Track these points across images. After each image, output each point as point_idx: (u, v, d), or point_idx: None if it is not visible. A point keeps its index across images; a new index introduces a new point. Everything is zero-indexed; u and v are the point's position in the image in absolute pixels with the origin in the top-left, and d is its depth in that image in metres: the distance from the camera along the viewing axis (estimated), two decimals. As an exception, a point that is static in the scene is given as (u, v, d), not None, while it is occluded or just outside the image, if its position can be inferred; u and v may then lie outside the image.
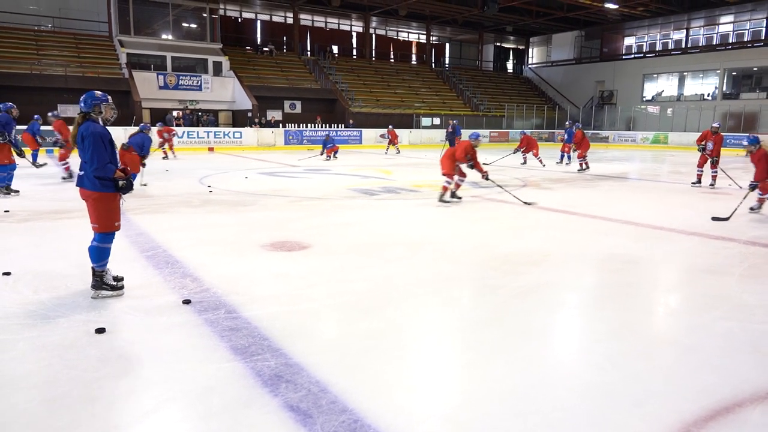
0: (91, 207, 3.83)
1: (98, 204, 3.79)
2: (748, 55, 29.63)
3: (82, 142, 3.71)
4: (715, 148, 10.60)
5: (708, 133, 10.73)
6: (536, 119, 33.50)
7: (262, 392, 2.61)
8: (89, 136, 3.67)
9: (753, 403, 2.57)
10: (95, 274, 3.87)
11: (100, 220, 3.82)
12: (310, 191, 10.00)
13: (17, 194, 8.62)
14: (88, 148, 3.66)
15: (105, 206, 3.80)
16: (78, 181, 3.83)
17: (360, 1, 30.03)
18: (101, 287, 3.87)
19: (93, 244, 3.87)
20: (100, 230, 3.84)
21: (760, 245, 5.90)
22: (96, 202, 3.78)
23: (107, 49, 24.80)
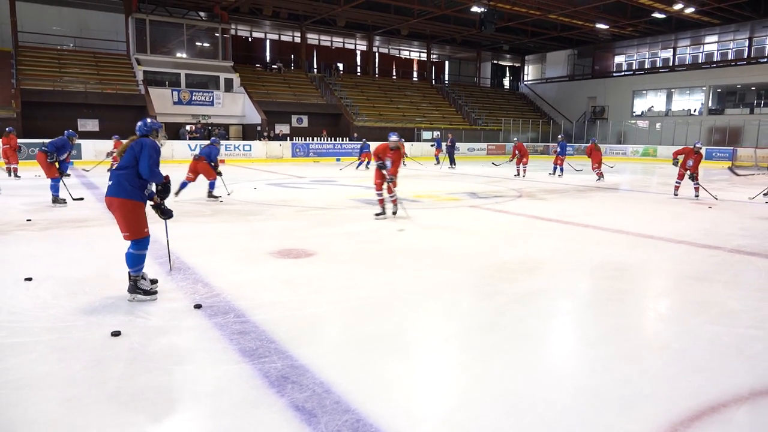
0: (119, 215, 3.97)
1: (126, 211, 3.95)
2: (731, 73, 30.96)
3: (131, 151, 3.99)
4: (694, 165, 11.16)
5: (690, 150, 11.22)
6: (531, 133, 34.67)
7: (269, 392, 2.70)
8: (146, 146, 3.97)
9: (737, 403, 2.65)
10: (130, 278, 4.05)
11: (130, 228, 3.99)
12: (316, 201, 10.26)
13: (65, 204, 9.19)
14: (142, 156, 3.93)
15: (133, 214, 3.98)
16: (108, 191, 4.01)
17: (364, 21, 31.34)
18: (135, 291, 4.04)
19: (129, 251, 4.05)
20: (132, 238, 4.01)
21: (744, 253, 6.07)
22: (123, 208, 3.95)
23: (125, 67, 25.90)
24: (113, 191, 3.99)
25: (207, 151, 10.06)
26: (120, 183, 3.96)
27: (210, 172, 9.94)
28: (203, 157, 9.95)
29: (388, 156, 8.09)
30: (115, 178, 4.00)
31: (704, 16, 27.66)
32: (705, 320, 3.91)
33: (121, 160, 4.05)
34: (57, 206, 9.07)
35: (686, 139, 29.88)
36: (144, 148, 3.99)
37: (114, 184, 3.99)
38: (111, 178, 4.03)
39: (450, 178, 16.47)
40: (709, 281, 4.95)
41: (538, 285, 4.78)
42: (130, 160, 4.00)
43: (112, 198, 4.00)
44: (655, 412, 2.56)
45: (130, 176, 3.99)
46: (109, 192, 4.03)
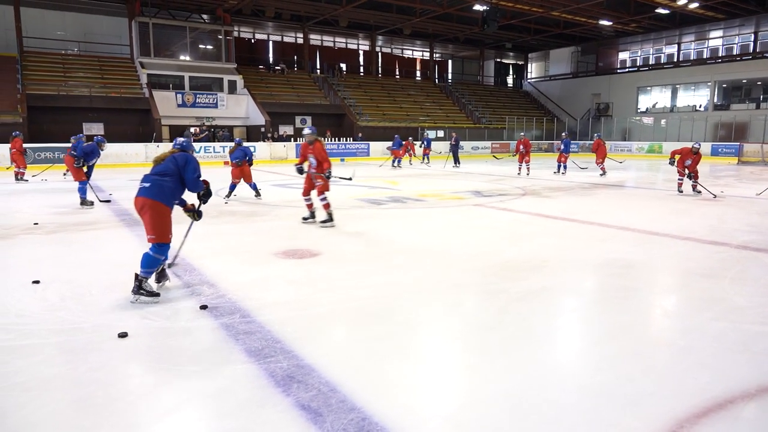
0: (149, 217, 4.11)
1: (157, 214, 4.11)
2: (737, 67, 30.77)
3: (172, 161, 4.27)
4: (692, 164, 11.11)
5: (688, 151, 11.14)
6: (536, 131, 34.60)
7: (274, 392, 2.71)
8: (191, 160, 4.31)
9: (744, 400, 2.64)
10: (137, 279, 4.08)
11: (157, 231, 4.11)
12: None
13: (92, 206, 9.32)
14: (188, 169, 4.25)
15: (163, 218, 4.15)
16: (142, 192, 4.15)
17: (366, 21, 31.40)
18: (139, 292, 4.08)
19: (148, 253, 4.12)
20: (157, 241, 4.12)
21: (750, 249, 6.05)
22: (156, 210, 4.10)
23: (129, 71, 26.06)
24: (150, 193, 4.14)
25: (242, 154, 10.30)
26: (161, 187, 4.16)
27: (249, 176, 10.40)
28: (244, 161, 10.29)
29: (309, 152, 7.40)
30: (155, 182, 4.17)
31: (708, 11, 27.52)
32: (711, 317, 3.88)
33: (159, 167, 4.27)
34: (85, 208, 9.24)
35: (692, 135, 29.77)
36: (189, 162, 4.30)
37: (153, 187, 4.15)
38: (147, 180, 4.20)
39: (454, 177, 16.46)
40: (715, 278, 4.91)
41: (543, 283, 4.76)
42: (171, 169, 4.24)
43: (146, 199, 4.13)
44: (661, 410, 2.55)
45: (171, 183, 4.22)
46: (144, 193, 4.16)
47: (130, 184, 13.58)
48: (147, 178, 4.24)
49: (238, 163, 10.21)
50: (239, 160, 10.21)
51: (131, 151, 21.38)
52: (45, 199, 10.55)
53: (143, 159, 21.60)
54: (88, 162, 9.39)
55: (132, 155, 21.36)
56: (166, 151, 4.48)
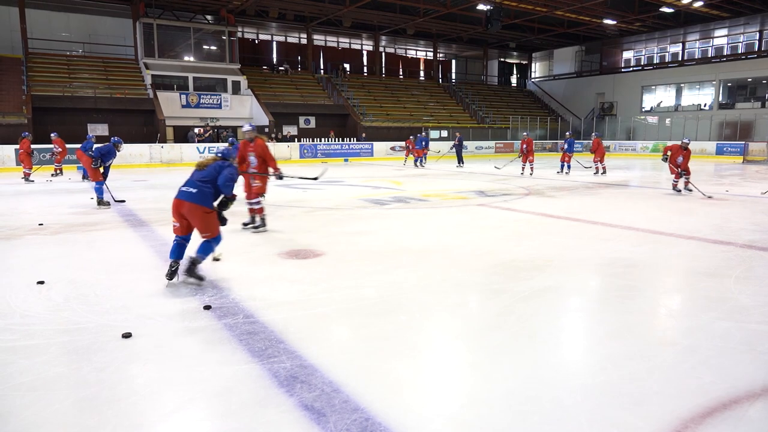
0: (199, 221, 4.56)
1: (206, 217, 4.59)
2: (742, 66, 30.62)
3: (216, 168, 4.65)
4: (684, 161, 11.04)
5: (678, 147, 11.12)
6: (540, 130, 34.55)
7: (278, 392, 2.71)
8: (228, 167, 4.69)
9: (749, 399, 2.63)
10: (192, 261, 4.56)
11: (210, 229, 4.61)
12: (324, 202, 10.30)
13: (108, 206, 9.38)
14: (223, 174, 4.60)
15: (212, 218, 4.63)
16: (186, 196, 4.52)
17: (370, 21, 31.43)
18: (191, 275, 4.53)
19: (210, 244, 4.63)
20: (212, 236, 4.64)
21: (756, 248, 6.03)
22: (203, 214, 4.57)
23: (133, 71, 26.16)
24: (195, 198, 4.54)
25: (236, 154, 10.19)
26: (204, 193, 4.55)
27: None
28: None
29: (249, 150, 6.94)
30: (200, 189, 4.57)
31: (713, 9, 27.41)
32: (716, 316, 3.87)
33: (202, 173, 4.65)
34: (102, 208, 9.34)
35: (696, 134, 29.68)
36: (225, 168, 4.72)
37: (197, 194, 4.55)
38: (192, 186, 4.57)
39: (458, 177, 16.45)
40: (720, 277, 4.90)
41: (547, 283, 4.76)
42: (213, 175, 4.63)
43: (192, 204, 4.54)
44: (665, 410, 2.55)
45: (212, 189, 4.62)
46: (189, 198, 4.54)
47: (135, 184, 13.65)
48: (192, 183, 4.59)
49: None
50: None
51: (136, 152, 21.46)
52: (50, 200, 10.60)
53: (147, 160, 21.68)
54: (104, 162, 9.51)
55: (137, 156, 21.44)
56: (209, 157, 4.91)
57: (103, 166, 9.49)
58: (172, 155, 22.40)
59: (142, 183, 14.34)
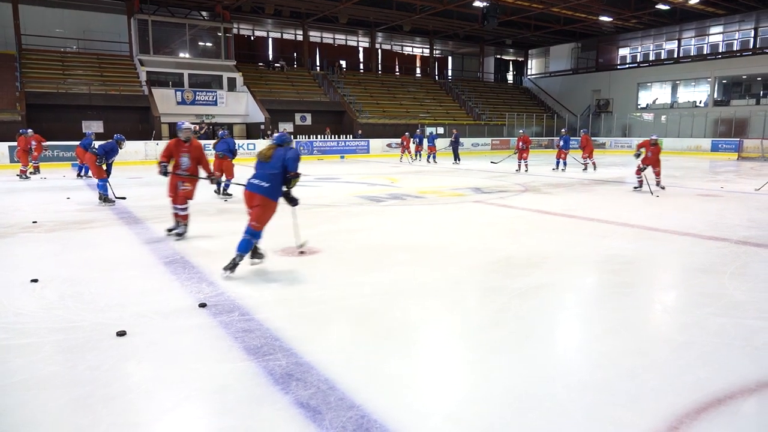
0: (261, 210, 4.73)
1: (266, 209, 4.75)
2: (737, 63, 30.71)
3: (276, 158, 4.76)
4: (653, 157, 11.08)
5: (647, 144, 11.24)
6: (536, 127, 34.57)
7: (273, 390, 2.70)
8: (296, 156, 4.81)
9: (743, 395, 2.65)
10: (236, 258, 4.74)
11: (261, 221, 4.76)
12: (320, 199, 10.27)
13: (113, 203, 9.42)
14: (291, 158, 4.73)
15: (271, 211, 4.78)
16: (256, 188, 4.74)
17: (366, 17, 31.35)
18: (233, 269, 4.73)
19: (245, 238, 4.73)
20: (259, 228, 4.77)
21: (751, 245, 6.07)
22: (266, 207, 4.73)
23: (128, 68, 26.02)
24: (267, 192, 4.72)
25: (225, 147, 10.22)
26: (275, 187, 4.74)
27: (230, 170, 10.25)
28: (226, 155, 10.18)
29: (184, 151, 6.35)
30: (273, 182, 4.73)
31: (709, 6, 27.45)
32: (711, 312, 3.89)
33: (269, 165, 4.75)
34: (105, 205, 9.38)
35: (692, 131, 29.78)
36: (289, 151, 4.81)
37: (271, 188, 4.73)
38: (261, 177, 4.73)
39: (454, 174, 16.45)
40: (715, 273, 4.93)
41: (543, 280, 4.77)
42: (280, 164, 4.73)
43: (264, 197, 4.72)
44: (661, 405, 2.56)
45: (279, 179, 4.75)
46: (258, 190, 4.73)
47: (130, 182, 13.58)
48: (264, 176, 4.75)
49: (220, 155, 10.16)
50: (222, 153, 10.16)
51: (131, 149, 21.32)
52: (45, 198, 10.54)
53: (143, 157, 21.59)
54: (107, 160, 9.54)
55: (132, 153, 21.31)
56: (267, 146, 5.00)
57: (105, 163, 9.51)
58: (168, 152, 22.28)
59: (138, 180, 14.29)
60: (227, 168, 10.22)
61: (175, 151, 6.35)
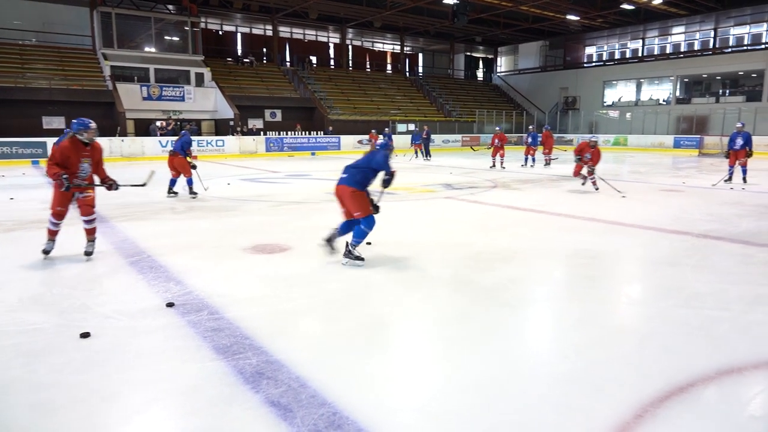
0: (347, 199, 4.98)
1: (356, 196, 4.95)
2: (698, 63, 31.68)
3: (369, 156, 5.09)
4: (592, 158, 10.71)
5: (585, 145, 10.83)
6: (505, 124, 35.00)
7: (243, 389, 2.68)
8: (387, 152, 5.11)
9: (704, 382, 2.75)
10: (348, 246, 5.04)
11: (361, 208, 4.95)
12: (291, 196, 10.27)
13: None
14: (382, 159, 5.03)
15: (362, 198, 4.99)
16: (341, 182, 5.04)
17: (336, 13, 31.18)
18: (349, 256, 5.04)
19: (359, 227, 4.98)
20: (364, 215, 4.94)
21: (711, 238, 6.27)
22: (353, 194, 4.95)
23: (91, 62, 25.27)
24: (343, 181, 5.02)
25: (179, 144, 9.93)
26: (352, 176, 4.99)
27: (186, 168, 9.83)
28: (177, 152, 9.84)
29: (85, 156, 5.21)
30: (349, 173, 5.03)
31: (671, 7, 28.20)
32: (674, 304, 4.01)
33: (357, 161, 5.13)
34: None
35: (655, 128, 30.60)
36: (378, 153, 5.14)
37: (346, 177, 5.02)
38: (344, 172, 5.08)
39: (425, 170, 16.53)
40: (677, 266, 5.08)
41: (513, 274, 4.85)
42: (365, 162, 5.08)
43: (340, 186, 5.03)
44: (626, 395, 2.63)
45: (362, 173, 5.03)
46: (339, 182, 5.05)
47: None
48: (345, 169, 5.13)
49: (172, 152, 9.91)
50: (174, 150, 9.88)
51: (95, 146, 20.75)
52: (1, 196, 10.16)
53: (107, 154, 20.93)
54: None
55: (96, 150, 20.73)
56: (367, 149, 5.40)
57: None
58: (133, 149, 21.79)
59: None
60: (181, 165, 9.77)
61: (74, 155, 5.12)
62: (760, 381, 2.90)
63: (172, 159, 9.83)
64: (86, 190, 5.34)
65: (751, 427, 2.43)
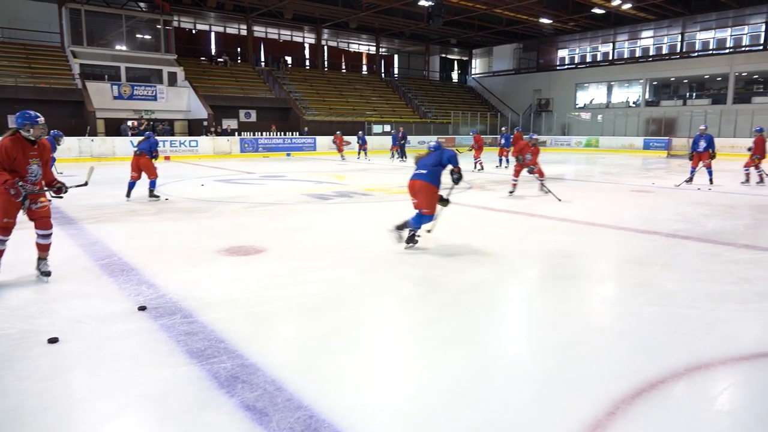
0: (424, 196, 5.56)
1: (431, 193, 5.56)
2: (666, 66, 32.47)
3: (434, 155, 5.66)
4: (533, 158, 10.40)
5: (525, 144, 10.57)
6: (480, 125, 35.29)
7: (218, 393, 2.64)
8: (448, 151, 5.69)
9: (674, 379, 2.81)
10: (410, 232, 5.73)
11: (431, 206, 5.58)
12: (266, 197, 10.17)
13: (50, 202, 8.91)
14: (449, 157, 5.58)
15: (435, 197, 5.60)
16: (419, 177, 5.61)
17: (312, 13, 31.03)
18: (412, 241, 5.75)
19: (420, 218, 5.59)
20: (430, 213, 5.60)
21: (679, 237, 6.42)
22: (432, 194, 5.56)
23: (59, 60, 24.64)
24: (427, 178, 5.58)
25: (146, 145, 9.70)
26: (433, 174, 5.58)
27: (151, 169, 9.60)
28: (144, 152, 9.58)
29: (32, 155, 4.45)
30: (429, 170, 5.59)
31: (640, 11, 28.86)
32: (644, 302, 4.09)
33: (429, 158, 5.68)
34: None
35: (626, 130, 31.27)
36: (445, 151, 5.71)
37: (428, 174, 5.58)
38: (423, 168, 5.64)
39: (401, 171, 16.55)
40: (647, 265, 5.19)
41: (487, 274, 4.89)
42: (437, 159, 5.60)
43: (423, 182, 5.59)
44: (599, 392, 2.68)
45: (438, 172, 5.61)
46: (421, 177, 5.62)
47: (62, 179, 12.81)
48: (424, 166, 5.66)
49: (138, 152, 9.57)
50: (140, 150, 9.55)
51: (63, 146, 20.12)
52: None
53: (76, 154, 20.55)
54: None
55: (64, 150, 20.16)
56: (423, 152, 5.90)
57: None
58: (104, 149, 21.32)
59: (71, 179, 13.52)
60: (146, 166, 9.50)
61: (21, 156, 4.35)
62: (726, 377, 2.97)
63: (138, 159, 9.53)
64: (39, 197, 4.60)
65: (718, 421, 2.49)
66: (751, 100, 28.92)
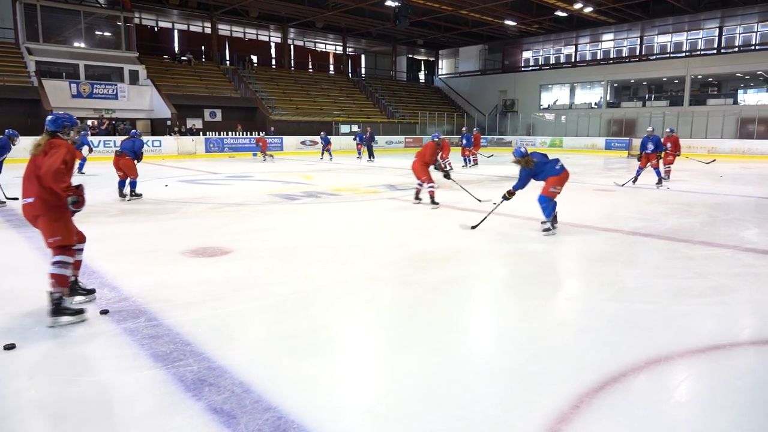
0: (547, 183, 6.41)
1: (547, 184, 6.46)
2: (626, 68, 33.39)
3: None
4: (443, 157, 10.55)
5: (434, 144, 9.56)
6: (447, 126, 35.64)
7: (184, 397, 2.60)
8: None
9: (635, 372, 2.90)
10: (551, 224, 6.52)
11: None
12: (232, 198, 10.04)
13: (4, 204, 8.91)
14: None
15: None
16: None
17: (277, 12, 30.77)
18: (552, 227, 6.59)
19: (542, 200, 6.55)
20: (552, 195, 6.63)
21: (640, 235, 6.59)
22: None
23: (14, 57, 23.72)
24: None
25: (129, 144, 9.48)
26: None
27: (132, 169, 9.45)
28: (125, 152, 9.38)
29: None
30: None
31: (601, 15, 29.63)
32: (606, 298, 4.21)
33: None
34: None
35: (588, 130, 32.01)
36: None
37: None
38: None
39: (369, 171, 16.57)
40: (609, 262, 5.33)
41: (456, 273, 4.94)
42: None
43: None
44: (565, 387, 2.74)
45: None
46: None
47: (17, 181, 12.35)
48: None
49: (118, 152, 9.41)
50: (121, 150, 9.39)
51: (18, 146, 19.40)
52: None
53: (33, 154, 19.79)
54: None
55: (20, 150, 19.29)
56: None
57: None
58: (62, 149, 20.58)
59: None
60: (127, 166, 9.37)
61: None
62: (684, 369, 3.08)
63: (118, 160, 9.35)
64: None
65: (677, 412, 2.58)
66: (706, 102, 30.05)
